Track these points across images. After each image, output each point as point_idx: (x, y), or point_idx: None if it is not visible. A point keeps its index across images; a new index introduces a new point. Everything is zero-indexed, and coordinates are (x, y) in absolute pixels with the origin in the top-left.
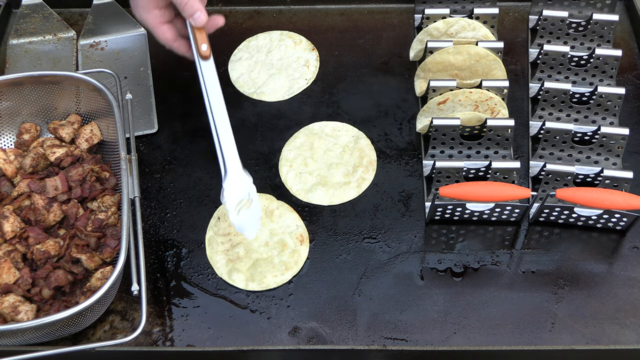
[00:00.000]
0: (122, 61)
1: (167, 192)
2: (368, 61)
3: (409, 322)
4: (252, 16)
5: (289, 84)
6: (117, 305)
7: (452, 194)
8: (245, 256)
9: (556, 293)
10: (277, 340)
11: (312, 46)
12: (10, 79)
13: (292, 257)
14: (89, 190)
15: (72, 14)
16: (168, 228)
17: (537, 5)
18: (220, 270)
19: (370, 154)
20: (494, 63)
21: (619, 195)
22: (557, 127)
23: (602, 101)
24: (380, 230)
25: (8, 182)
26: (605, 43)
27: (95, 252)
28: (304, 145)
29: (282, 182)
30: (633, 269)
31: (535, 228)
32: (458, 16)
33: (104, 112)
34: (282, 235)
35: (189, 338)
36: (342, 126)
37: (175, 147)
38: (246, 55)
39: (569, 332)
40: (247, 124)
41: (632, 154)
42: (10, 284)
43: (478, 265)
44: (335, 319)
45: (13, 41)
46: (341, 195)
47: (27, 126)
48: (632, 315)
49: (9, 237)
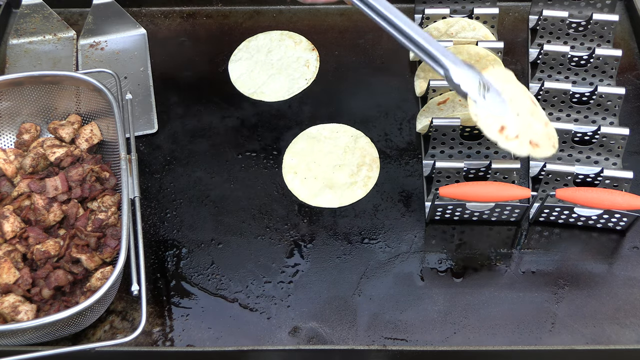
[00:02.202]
0: (122, 61)
1: (167, 192)
2: (368, 61)
3: (409, 322)
4: (252, 16)
5: (289, 84)
6: (117, 305)
7: (452, 194)
8: None
9: (556, 293)
10: (277, 340)
11: (312, 46)
12: (10, 79)
13: None
14: (89, 190)
15: (72, 14)
16: (168, 228)
17: (537, 5)
18: None
19: (372, 152)
20: (494, 63)
21: (619, 195)
22: (557, 126)
23: (602, 101)
24: (380, 230)
25: (8, 182)
26: (605, 43)
27: (95, 252)
28: (305, 150)
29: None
30: (633, 269)
31: (535, 228)
32: (458, 16)
33: (104, 112)
34: None
35: (189, 338)
36: (339, 127)
37: (175, 147)
38: (246, 55)
39: (569, 332)
40: (247, 124)
41: (632, 154)
42: (10, 284)
43: (478, 265)
44: (335, 319)
45: (13, 41)
46: (349, 195)
47: (27, 126)
48: (632, 315)
49: (9, 237)
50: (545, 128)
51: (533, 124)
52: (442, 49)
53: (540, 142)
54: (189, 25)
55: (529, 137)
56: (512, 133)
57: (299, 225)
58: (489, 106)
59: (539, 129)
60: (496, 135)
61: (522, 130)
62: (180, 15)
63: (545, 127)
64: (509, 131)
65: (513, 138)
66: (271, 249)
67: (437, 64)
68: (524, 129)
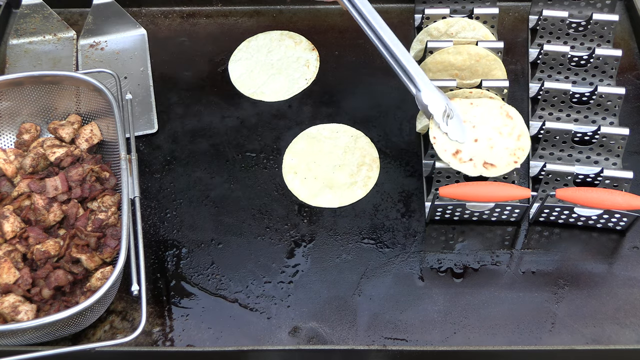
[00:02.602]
0: (122, 61)
1: (167, 192)
2: (368, 61)
3: (409, 322)
4: (252, 16)
5: (289, 84)
6: (117, 305)
7: (452, 194)
8: None
9: (556, 293)
10: (277, 340)
11: (312, 46)
12: (10, 79)
13: None
14: (89, 190)
15: (72, 14)
16: (168, 228)
17: (537, 5)
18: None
19: (371, 152)
20: (494, 63)
21: (619, 195)
22: (557, 127)
23: (602, 101)
24: (380, 230)
25: (8, 182)
26: (605, 43)
27: (95, 252)
28: (305, 150)
29: (285, 184)
30: (633, 269)
31: (535, 228)
32: (458, 16)
33: (104, 112)
34: None
35: (189, 338)
36: (339, 127)
37: (175, 147)
38: (246, 55)
39: (569, 332)
40: (247, 124)
41: (632, 154)
42: (10, 284)
43: (478, 265)
44: (335, 319)
45: (13, 41)
46: (349, 195)
47: (27, 126)
48: (632, 315)
49: (9, 237)
50: (517, 142)
51: (496, 145)
52: (420, 71)
53: (497, 162)
54: (189, 25)
55: (484, 159)
56: (466, 157)
57: (299, 225)
58: (450, 131)
59: (506, 146)
60: (449, 158)
61: (476, 154)
62: (180, 15)
63: (518, 141)
64: (463, 155)
65: (467, 161)
66: (271, 249)
67: (412, 83)
68: (479, 152)
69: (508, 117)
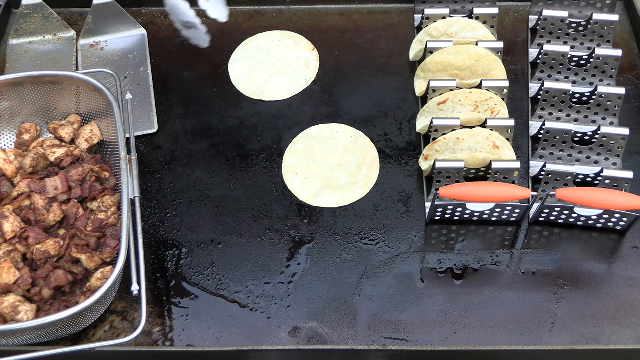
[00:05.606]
0: (122, 61)
1: (167, 192)
2: (368, 61)
3: (409, 322)
4: (252, 16)
5: (289, 84)
6: (117, 305)
7: (452, 194)
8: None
9: (556, 293)
10: (277, 340)
11: (312, 46)
12: (10, 79)
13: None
14: (89, 190)
15: (72, 14)
16: (168, 228)
17: (537, 5)
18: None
19: (371, 152)
20: (494, 63)
21: (619, 195)
22: (557, 127)
23: (602, 101)
24: (380, 230)
25: (8, 182)
26: (605, 43)
27: (95, 252)
28: (305, 150)
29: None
30: (633, 269)
31: (535, 228)
32: (458, 16)
33: (104, 112)
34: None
35: (189, 338)
36: (339, 127)
37: (175, 147)
38: (246, 55)
39: (569, 332)
40: (247, 124)
41: (632, 154)
42: (10, 284)
43: (478, 265)
44: (335, 319)
45: (13, 41)
46: (349, 195)
47: (27, 126)
48: (632, 315)
49: (9, 237)
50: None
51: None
52: None
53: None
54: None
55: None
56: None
57: (299, 225)
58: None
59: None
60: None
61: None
62: None
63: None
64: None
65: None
66: (271, 249)
67: None
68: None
69: (495, 147)
